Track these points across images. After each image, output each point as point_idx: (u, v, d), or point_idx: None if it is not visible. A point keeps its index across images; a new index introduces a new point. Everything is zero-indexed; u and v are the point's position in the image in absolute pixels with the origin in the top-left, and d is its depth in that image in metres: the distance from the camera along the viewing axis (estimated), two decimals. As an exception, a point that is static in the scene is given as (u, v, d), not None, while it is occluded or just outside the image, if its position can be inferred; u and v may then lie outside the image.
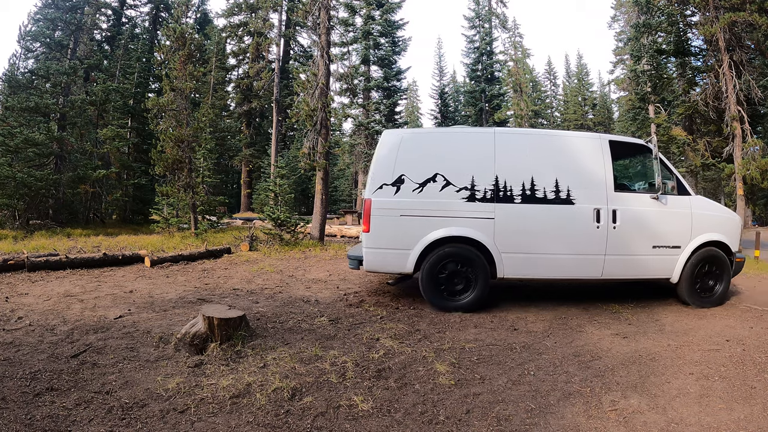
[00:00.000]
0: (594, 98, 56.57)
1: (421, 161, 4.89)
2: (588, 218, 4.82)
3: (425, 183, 4.82)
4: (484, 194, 4.79)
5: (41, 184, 12.33)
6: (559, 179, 4.86)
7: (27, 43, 18.85)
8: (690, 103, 12.67)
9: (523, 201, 4.80)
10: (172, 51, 12.90)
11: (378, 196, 4.82)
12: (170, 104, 12.06)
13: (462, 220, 4.74)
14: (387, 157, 4.93)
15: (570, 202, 4.83)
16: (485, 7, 34.10)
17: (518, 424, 2.43)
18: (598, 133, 5.41)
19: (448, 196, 4.78)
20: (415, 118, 54.64)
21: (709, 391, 2.83)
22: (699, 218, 5.07)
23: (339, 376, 2.97)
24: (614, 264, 4.88)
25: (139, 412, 2.45)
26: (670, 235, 4.99)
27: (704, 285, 5.12)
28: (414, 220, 4.75)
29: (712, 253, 5.08)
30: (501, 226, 4.75)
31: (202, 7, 32.96)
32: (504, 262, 4.76)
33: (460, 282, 4.76)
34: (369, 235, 4.79)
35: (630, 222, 4.90)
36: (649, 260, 4.98)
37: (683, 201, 5.09)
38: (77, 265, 6.89)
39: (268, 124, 30.50)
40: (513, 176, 4.84)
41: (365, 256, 4.82)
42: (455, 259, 4.72)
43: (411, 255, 4.70)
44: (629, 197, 5.05)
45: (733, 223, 5.33)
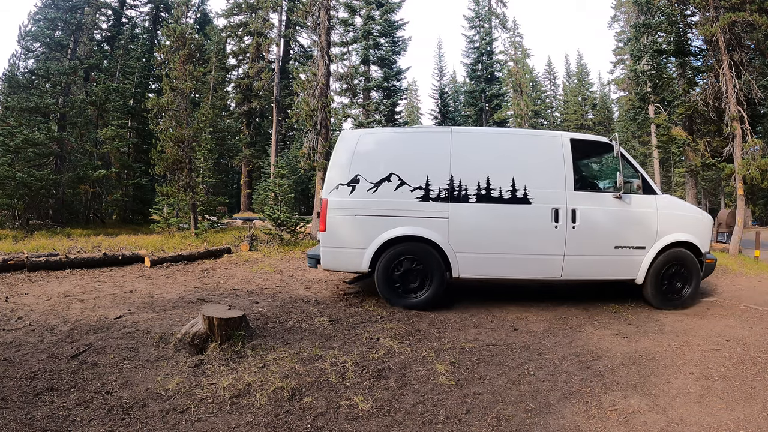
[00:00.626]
0: (594, 98, 56.57)
1: (377, 161, 4.92)
2: (545, 218, 4.77)
3: (380, 183, 4.85)
4: (439, 194, 4.80)
5: (41, 184, 12.33)
6: (516, 178, 4.83)
7: (27, 43, 18.85)
8: (690, 103, 12.66)
9: (478, 200, 4.80)
10: (172, 51, 12.89)
11: (334, 196, 4.87)
12: (170, 104, 12.06)
13: (416, 220, 4.76)
14: (344, 158, 4.97)
15: (527, 202, 4.80)
16: (485, 7, 34.10)
17: (518, 424, 2.43)
18: (560, 132, 5.27)
19: (403, 196, 4.80)
20: (415, 118, 54.64)
21: (709, 391, 2.83)
22: (665, 218, 4.95)
23: (339, 376, 2.97)
24: (574, 264, 4.82)
25: (139, 412, 2.45)
26: (634, 236, 4.89)
27: (671, 287, 5.00)
28: (368, 219, 4.78)
29: (680, 254, 4.97)
30: (455, 226, 4.75)
31: (202, 7, 32.95)
32: (459, 262, 4.76)
33: (415, 280, 4.79)
34: (325, 235, 4.84)
35: (591, 222, 4.82)
36: (611, 261, 4.88)
37: (648, 200, 4.99)
38: (77, 265, 6.89)
39: (268, 124, 30.49)
40: (469, 176, 4.83)
41: (322, 255, 4.88)
42: (409, 257, 4.76)
43: (366, 254, 4.74)
44: (590, 196, 4.97)
45: (702, 223, 5.20)
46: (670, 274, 4.98)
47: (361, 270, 4.84)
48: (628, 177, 5.18)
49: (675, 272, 4.99)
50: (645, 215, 4.94)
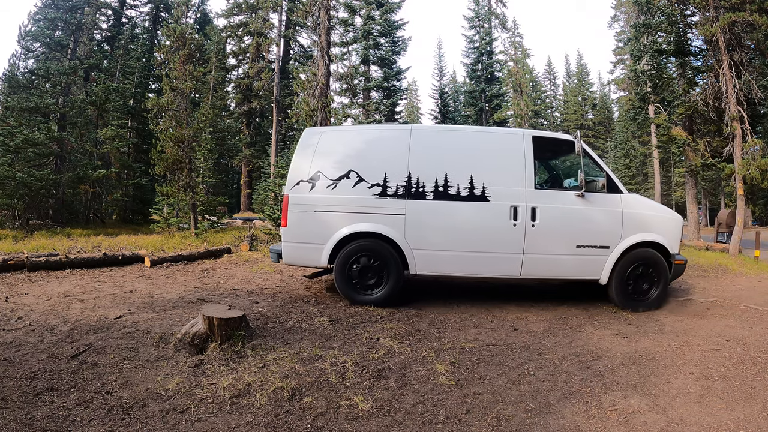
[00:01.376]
0: (594, 98, 56.59)
1: (337, 158, 4.98)
2: (504, 216, 4.74)
3: (339, 179, 4.89)
4: (396, 191, 4.81)
5: (41, 184, 12.33)
6: (474, 176, 4.80)
7: (27, 43, 18.85)
8: (690, 103, 12.65)
9: (435, 197, 4.78)
10: (172, 51, 12.89)
11: (295, 192, 4.94)
12: (170, 104, 12.06)
13: (373, 216, 4.78)
14: (305, 155, 5.05)
15: (485, 199, 4.78)
16: (485, 7, 34.10)
17: (518, 424, 2.43)
18: (522, 129, 5.27)
19: (361, 193, 4.84)
20: (415, 118, 54.64)
21: (709, 391, 2.83)
22: (631, 217, 4.85)
23: (339, 376, 2.97)
24: (534, 263, 4.78)
25: (139, 412, 2.45)
26: (597, 235, 4.81)
27: (638, 288, 4.89)
28: (327, 215, 4.84)
29: (646, 254, 4.86)
30: (412, 223, 4.76)
31: (202, 7, 32.95)
32: (416, 258, 4.77)
33: (372, 277, 4.82)
34: (287, 230, 4.91)
35: (551, 220, 4.76)
36: (573, 260, 4.80)
37: (613, 199, 4.90)
38: (77, 265, 6.88)
39: (268, 124, 30.48)
40: (427, 173, 4.83)
41: (284, 249, 4.95)
42: (367, 254, 4.79)
43: (324, 249, 4.79)
44: (552, 194, 4.92)
45: (671, 223, 5.06)
46: (637, 275, 4.86)
47: (321, 265, 4.90)
48: (593, 175, 5.14)
49: (642, 273, 4.87)
50: (609, 214, 4.85)
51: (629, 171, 42.28)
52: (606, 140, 52.96)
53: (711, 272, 7.59)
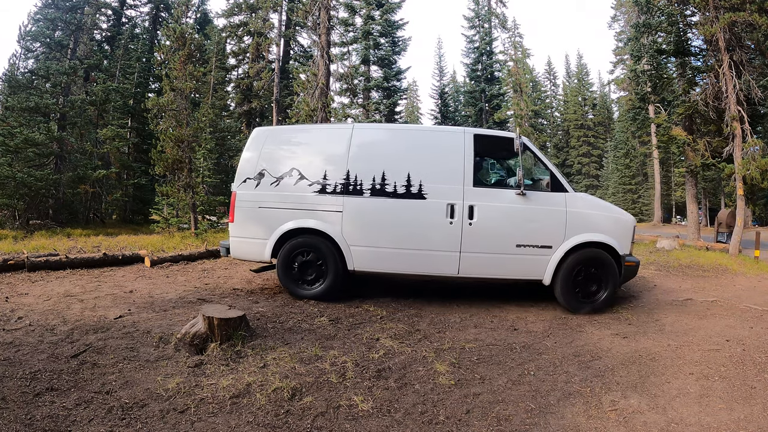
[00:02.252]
0: (594, 98, 56.59)
1: (281, 156, 5.13)
2: (440, 214, 4.73)
3: (282, 177, 5.04)
4: (335, 188, 4.90)
5: (41, 184, 12.33)
6: (411, 174, 4.83)
7: (27, 43, 18.84)
8: (690, 103, 12.64)
9: (372, 195, 4.84)
10: (172, 51, 12.90)
11: (242, 189, 5.11)
12: (170, 104, 12.06)
13: (312, 213, 4.90)
14: (252, 153, 5.22)
15: (421, 197, 4.79)
16: (485, 7, 34.10)
17: (518, 424, 2.43)
18: (464, 127, 5.29)
19: (302, 190, 4.96)
20: (415, 118, 54.65)
21: (709, 391, 2.83)
22: (576, 217, 4.75)
23: (339, 376, 2.97)
24: (471, 262, 4.76)
25: (139, 412, 2.45)
26: (538, 234, 4.74)
27: (585, 289, 4.78)
28: (270, 211, 4.98)
29: (593, 254, 4.75)
30: (349, 219, 4.83)
31: (202, 7, 32.92)
32: (353, 255, 4.84)
33: (313, 272, 4.94)
34: (234, 226, 5.12)
35: (489, 219, 4.74)
36: (512, 260, 4.75)
37: (556, 198, 4.82)
38: (77, 265, 6.88)
39: (268, 124, 30.48)
40: (365, 170, 4.89)
41: (231, 244, 5.15)
42: (306, 249, 4.91)
43: (268, 244, 4.94)
44: (490, 193, 4.88)
45: (621, 224, 4.94)
46: (584, 276, 4.76)
47: (265, 260, 5.03)
48: (537, 174, 5.10)
49: (589, 274, 4.77)
50: (552, 213, 4.76)
51: (629, 171, 42.31)
52: (606, 140, 52.96)
53: (711, 272, 7.59)
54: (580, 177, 53.84)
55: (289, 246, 4.92)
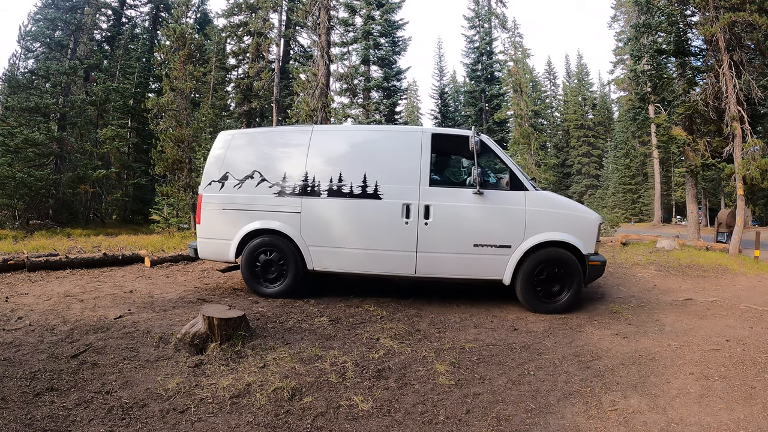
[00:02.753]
0: (594, 98, 56.61)
1: (244, 159, 5.23)
2: (395, 213, 4.74)
3: (244, 179, 5.15)
4: (293, 189, 4.99)
5: (41, 184, 12.34)
6: (368, 174, 4.85)
7: (27, 43, 18.84)
8: (690, 103, 12.63)
9: (329, 195, 4.90)
10: (172, 51, 12.90)
11: (207, 191, 5.25)
12: (170, 104, 12.06)
13: (273, 214, 4.99)
14: (217, 156, 5.35)
15: (377, 197, 4.81)
16: (485, 7, 34.12)
17: (518, 424, 2.43)
18: (422, 126, 5.28)
19: (263, 192, 5.06)
20: (415, 118, 54.67)
21: (709, 391, 2.83)
22: (536, 215, 4.67)
23: (339, 376, 2.97)
24: (428, 262, 4.75)
25: (139, 412, 2.45)
26: (496, 234, 4.69)
27: (547, 289, 4.71)
28: (234, 213, 5.12)
29: (556, 254, 4.67)
30: (307, 220, 4.91)
31: (202, 7, 32.92)
32: (312, 255, 4.93)
33: (275, 271, 5.05)
34: (200, 227, 5.26)
35: (445, 218, 4.71)
36: (470, 259, 4.70)
37: (516, 197, 4.74)
38: (77, 265, 6.88)
39: (268, 124, 30.44)
40: (323, 171, 4.96)
41: (198, 245, 5.30)
42: (268, 249, 5.03)
43: (232, 245, 5.07)
44: (447, 192, 4.84)
45: (585, 222, 4.81)
46: (546, 276, 4.69)
47: (230, 260, 5.18)
48: (498, 172, 5.07)
49: (552, 274, 4.69)
50: (510, 212, 4.70)
51: (629, 171, 42.32)
52: (606, 140, 52.97)
53: (711, 272, 7.59)
54: (580, 177, 53.86)
55: (252, 246, 5.03)
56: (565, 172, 54.46)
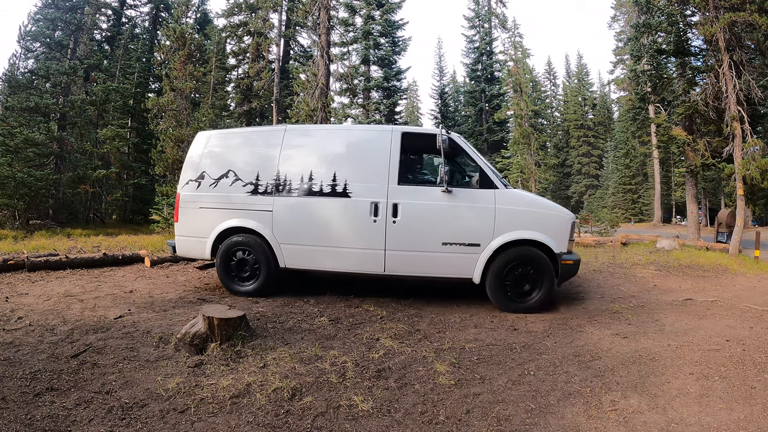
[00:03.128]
0: (594, 98, 56.63)
1: (220, 159, 5.35)
2: (364, 212, 4.77)
3: (220, 179, 5.25)
4: (266, 188, 5.07)
5: (41, 184, 12.34)
6: (337, 173, 4.91)
7: (27, 43, 18.85)
8: (690, 103, 12.63)
9: (300, 194, 4.97)
10: (172, 51, 12.90)
11: (185, 190, 5.38)
12: (170, 104, 12.07)
13: (246, 213, 5.08)
14: (194, 156, 5.48)
15: (346, 196, 4.84)
16: (485, 7, 34.12)
17: (518, 424, 2.43)
18: (392, 126, 5.22)
19: (237, 190, 5.16)
20: (415, 118, 54.66)
21: (709, 391, 2.82)
22: (506, 214, 4.63)
23: (339, 376, 2.97)
24: (397, 260, 4.75)
25: (139, 412, 2.45)
26: (465, 232, 4.66)
27: (518, 288, 4.68)
28: (209, 211, 5.22)
29: (527, 253, 4.62)
30: (279, 218, 4.98)
31: (202, 7, 32.92)
32: (284, 253, 4.98)
33: (248, 269, 5.11)
34: (178, 225, 5.39)
35: (413, 217, 4.72)
36: (439, 258, 4.70)
37: (485, 195, 4.71)
38: (77, 265, 6.88)
39: (268, 123, 30.44)
40: (294, 171, 5.03)
41: (177, 243, 5.43)
42: (242, 248, 5.09)
43: (207, 243, 5.18)
44: (416, 190, 4.83)
45: (557, 221, 4.73)
46: (517, 275, 4.65)
47: (206, 257, 5.26)
48: (468, 170, 5.05)
49: (523, 273, 4.65)
50: (479, 211, 4.68)
51: (629, 171, 42.33)
52: (606, 140, 52.97)
53: (711, 272, 7.59)
54: (580, 177, 53.86)
55: (226, 244, 5.12)
56: (565, 172, 54.47)
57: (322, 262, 4.96)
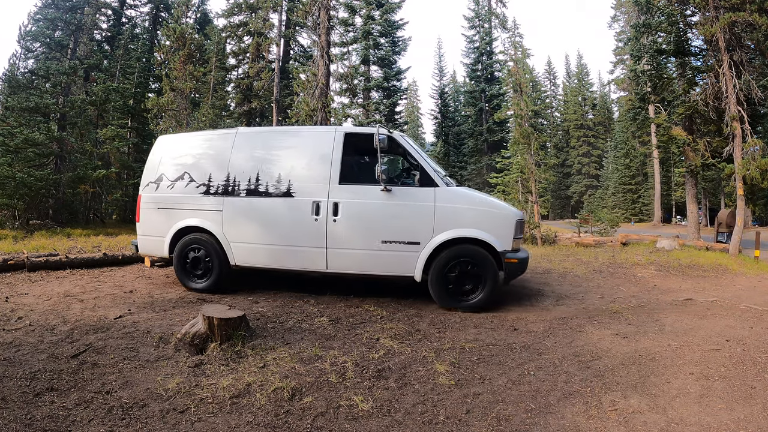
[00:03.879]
0: (594, 98, 56.63)
1: (177, 161, 5.58)
2: (306, 211, 4.88)
3: (176, 180, 5.50)
4: (217, 189, 5.28)
5: (41, 184, 12.33)
6: (282, 173, 5.06)
7: (27, 43, 18.85)
8: (690, 103, 12.63)
9: (247, 194, 5.14)
10: (172, 51, 12.91)
11: (145, 192, 5.65)
12: (170, 104, 12.07)
13: (199, 212, 5.30)
14: (154, 160, 5.74)
15: (290, 195, 4.99)
16: (485, 7, 34.12)
17: (518, 424, 2.43)
18: (336, 126, 5.43)
19: (191, 192, 5.39)
20: (415, 118, 54.65)
21: (709, 391, 2.82)
22: (446, 212, 4.62)
23: (339, 376, 2.97)
24: (338, 258, 4.83)
25: (139, 412, 2.45)
26: (405, 231, 4.68)
27: (460, 287, 4.66)
28: (167, 212, 5.47)
29: (468, 251, 4.60)
30: (228, 218, 5.18)
31: (202, 7, 32.92)
32: (234, 251, 5.17)
33: (202, 267, 5.32)
34: (140, 225, 5.67)
35: (353, 215, 4.79)
36: (379, 256, 4.73)
37: (425, 193, 4.71)
38: (77, 265, 6.88)
39: (269, 123, 30.44)
40: (243, 172, 5.21)
41: (138, 241, 5.72)
42: (196, 246, 5.32)
43: (165, 241, 5.42)
44: (356, 190, 4.89)
45: (499, 218, 4.69)
46: (459, 273, 4.63)
47: (164, 255, 5.49)
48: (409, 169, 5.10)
49: (465, 271, 4.63)
50: (419, 209, 4.68)
51: (629, 171, 42.32)
52: (606, 140, 52.96)
53: (711, 272, 7.59)
54: (580, 177, 53.86)
55: (182, 243, 5.35)
56: (565, 172, 54.47)
57: (268, 260, 5.10)
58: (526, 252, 5.18)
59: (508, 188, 15.71)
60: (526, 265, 4.95)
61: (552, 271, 7.45)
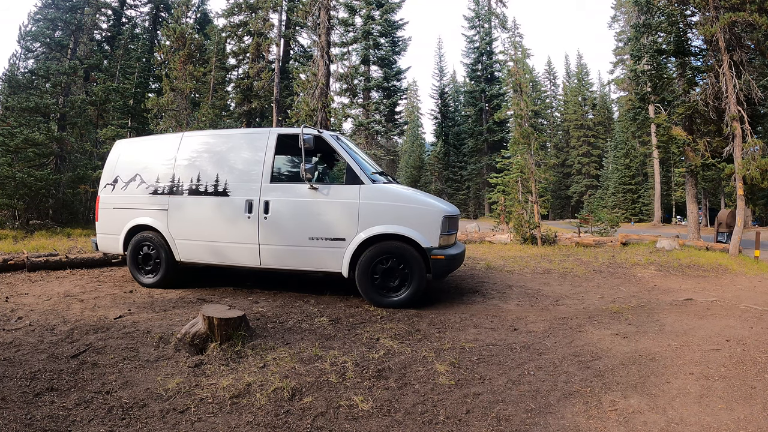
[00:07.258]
0: (594, 98, 56.61)
1: (131, 164, 5.89)
2: (240, 209, 5.12)
3: (129, 182, 5.81)
4: (164, 189, 5.57)
5: (41, 184, 12.33)
6: (220, 174, 5.33)
7: (27, 43, 18.85)
8: (690, 103, 12.63)
9: (189, 194, 5.43)
10: (172, 51, 12.90)
11: (103, 193, 5.96)
12: (170, 104, 12.07)
13: (148, 212, 5.60)
14: (111, 162, 6.05)
15: (226, 194, 5.24)
16: (485, 7, 34.12)
17: (518, 424, 2.43)
18: (270, 128, 5.56)
19: (141, 192, 5.69)
20: (415, 118, 54.62)
21: (709, 391, 2.83)
22: (370, 209, 4.70)
23: (339, 376, 2.97)
24: (269, 254, 5.04)
25: (139, 412, 2.45)
26: (330, 227, 4.82)
27: (386, 283, 4.74)
28: (121, 211, 5.78)
29: (391, 248, 4.66)
30: (173, 216, 5.46)
31: (202, 7, 32.92)
32: (178, 248, 5.46)
33: (152, 263, 5.62)
34: (98, 224, 5.96)
35: (282, 213, 4.98)
36: (308, 252, 4.90)
37: (350, 191, 4.81)
38: (77, 265, 6.89)
39: (268, 124, 30.44)
40: (186, 173, 5.50)
41: (97, 240, 6.02)
42: (146, 243, 5.63)
43: (120, 239, 5.75)
44: (285, 188, 5.09)
45: (425, 215, 4.68)
46: (386, 270, 4.71)
47: (120, 252, 5.81)
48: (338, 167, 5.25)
49: (392, 268, 4.69)
50: (343, 206, 4.80)
51: (629, 171, 42.32)
52: (606, 140, 52.95)
53: (711, 272, 7.59)
54: (580, 177, 53.85)
55: (134, 240, 5.66)
56: (565, 172, 54.47)
57: (208, 255, 5.34)
58: (460, 247, 5.20)
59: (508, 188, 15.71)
60: (458, 262, 4.99)
61: (552, 271, 7.45)
